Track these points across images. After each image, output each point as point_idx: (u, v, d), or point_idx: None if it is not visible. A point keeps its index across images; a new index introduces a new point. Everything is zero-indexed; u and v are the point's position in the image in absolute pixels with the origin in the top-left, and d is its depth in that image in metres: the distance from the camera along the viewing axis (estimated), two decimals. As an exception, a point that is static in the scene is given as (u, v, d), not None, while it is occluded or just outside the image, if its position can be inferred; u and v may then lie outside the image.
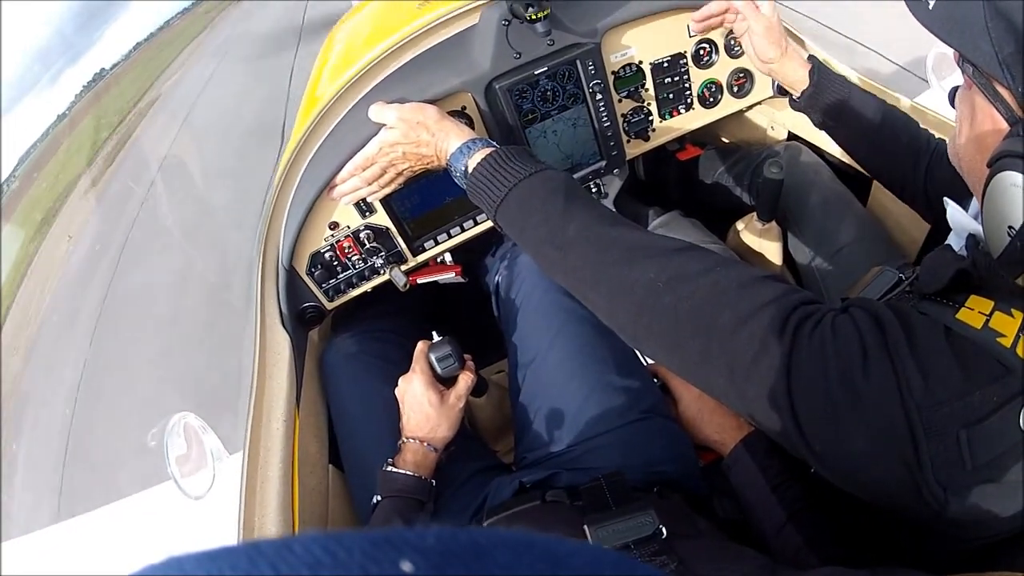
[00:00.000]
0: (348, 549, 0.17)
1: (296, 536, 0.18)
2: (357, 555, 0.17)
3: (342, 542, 0.17)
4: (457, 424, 0.90)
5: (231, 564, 0.17)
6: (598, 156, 1.11)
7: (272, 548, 0.17)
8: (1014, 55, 0.48)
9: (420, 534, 0.17)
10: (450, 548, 0.17)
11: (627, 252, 0.63)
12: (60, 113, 10.54)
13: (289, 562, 0.17)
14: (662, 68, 1.10)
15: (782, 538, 0.73)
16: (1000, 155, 0.48)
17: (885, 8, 2.46)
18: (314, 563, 0.17)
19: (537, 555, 0.18)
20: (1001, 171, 0.48)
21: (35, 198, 8.12)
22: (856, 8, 3.21)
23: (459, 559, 0.17)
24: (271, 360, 0.96)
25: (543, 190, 0.72)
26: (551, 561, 0.18)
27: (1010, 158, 0.47)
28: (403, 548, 0.17)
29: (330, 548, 0.17)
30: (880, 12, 2.83)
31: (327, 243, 1.01)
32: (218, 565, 0.17)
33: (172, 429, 0.80)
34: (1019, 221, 0.46)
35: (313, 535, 0.18)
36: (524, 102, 0.99)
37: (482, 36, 0.95)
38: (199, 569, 0.17)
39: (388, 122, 0.87)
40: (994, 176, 0.48)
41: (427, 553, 0.17)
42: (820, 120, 0.95)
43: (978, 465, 0.46)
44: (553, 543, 0.19)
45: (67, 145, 9.48)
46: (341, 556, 0.17)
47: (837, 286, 1.09)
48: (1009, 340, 0.47)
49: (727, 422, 0.87)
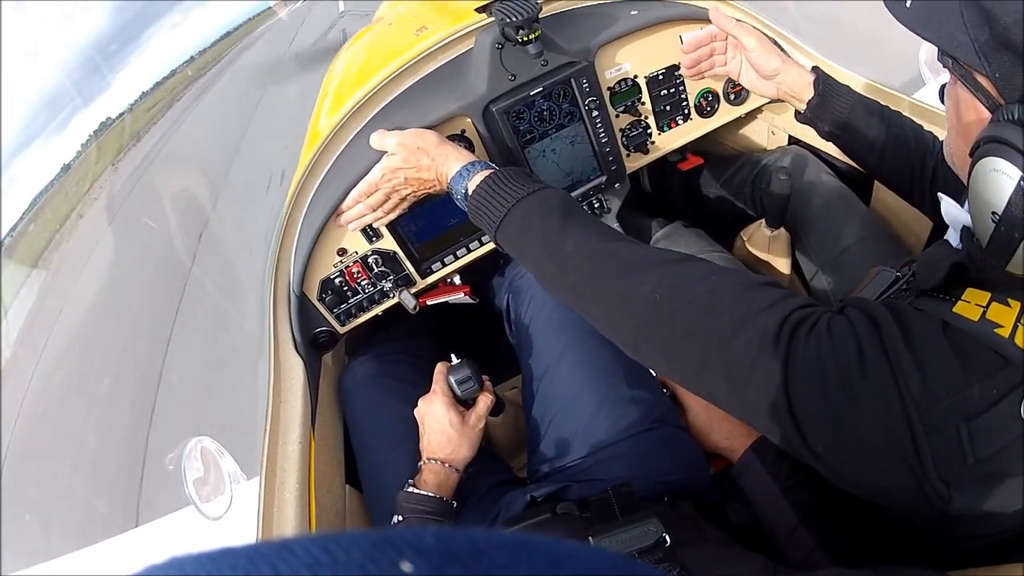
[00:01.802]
0: (347, 549, 0.17)
1: (296, 537, 0.18)
2: (356, 555, 0.17)
3: (341, 542, 0.17)
4: (477, 445, 0.91)
5: (231, 564, 0.17)
6: (598, 172, 1.12)
7: (272, 549, 0.17)
8: (989, 42, 0.49)
9: (419, 534, 0.18)
10: (449, 548, 0.17)
11: (624, 265, 0.65)
12: (65, 163, 10.85)
13: (289, 562, 0.17)
14: (657, 81, 1.12)
15: (795, 541, 0.73)
16: (980, 141, 0.49)
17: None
18: (313, 563, 0.17)
19: (535, 556, 0.18)
20: (982, 157, 0.48)
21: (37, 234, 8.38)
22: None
23: (458, 559, 0.17)
24: (285, 384, 0.98)
25: (541, 209, 0.73)
26: (549, 561, 0.18)
27: (990, 143, 0.48)
28: (402, 548, 0.17)
29: (329, 548, 0.17)
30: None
31: (336, 269, 1.03)
32: (218, 565, 0.17)
33: (189, 453, 0.83)
34: (1002, 206, 0.47)
35: (313, 536, 0.18)
36: (521, 123, 1.01)
37: (477, 60, 0.98)
38: (200, 569, 0.17)
39: (389, 149, 0.89)
40: (976, 163, 0.49)
41: (426, 553, 0.17)
42: (827, 131, 0.93)
43: (980, 458, 0.46)
44: (551, 544, 0.19)
45: (74, 178, 9.76)
46: (340, 556, 0.17)
47: (844, 287, 1.08)
48: (1007, 330, 0.47)
49: (736, 429, 0.87)
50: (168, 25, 32.04)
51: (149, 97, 13.20)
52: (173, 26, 30.79)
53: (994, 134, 0.47)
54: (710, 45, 0.99)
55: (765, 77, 0.95)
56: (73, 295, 5.78)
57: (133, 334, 4.19)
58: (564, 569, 0.18)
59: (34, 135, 14.55)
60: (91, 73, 16.58)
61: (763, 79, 0.96)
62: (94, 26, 36.93)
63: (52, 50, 18.14)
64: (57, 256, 7.19)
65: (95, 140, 11.43)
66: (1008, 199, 0.46)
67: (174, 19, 32.37)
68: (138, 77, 14.50)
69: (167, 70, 14.10)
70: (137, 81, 14.18)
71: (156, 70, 14.29)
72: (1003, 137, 0.46)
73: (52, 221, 8.47)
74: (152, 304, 4.41)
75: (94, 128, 11.85)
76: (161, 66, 14.22)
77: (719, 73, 1.03)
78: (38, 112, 15.52)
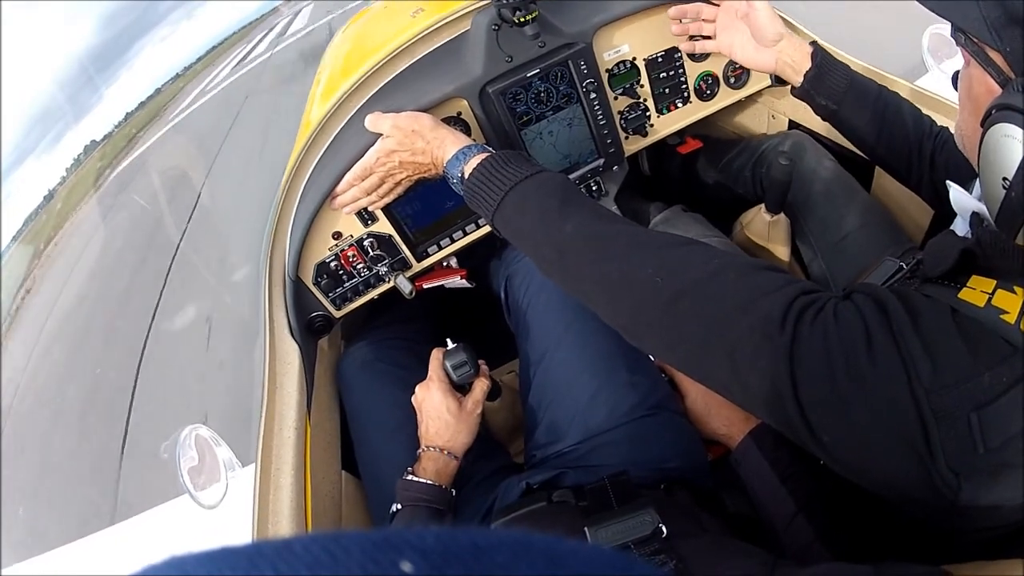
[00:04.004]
0: (348, 549, 0.17)
1: (296, 536, 0.18)
2: (357, 555, 0.17)
3: (342, 542, 0.17)
4: (475, 431, 0.91)
5: (231, 564, 0.17)
6: (596, 154, 1.11)
7: (272, 548, 0.17)
8: (1001, 18, 0.50)
9: (420, 535, 0.18)
10: (449, 549, 0.17)
11: (625, 249, 0.64)
12: (50, 189, 10.76)
13: (289, 562, 0.17)
14: (656, 63, 1.10)
15: (792, 530, 0.73)
16: (991, 109, 0.49)
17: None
18: (313, 563, 0.17)
19: (536, 555, 0.18)
20: (993, 124, 0.48)
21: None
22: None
23: (458, 559, 0.17)
24: (281, 370, 0.98)
25: (539, 192, 0.72)
26: (549, 561, 0.18)
27: (1001, 111, 0.48)
28: (403, 548, 0.17)
29: (330, 548, 0.17)
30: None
31: (331, 253, 1.02)
32: (218, 565, 0.17)
33: (184, 441, 0.82)
34: (1013, 170, 0.46)
35: (313, 535, 0.18)
36: (518, 104, 1.00)
37: (473, 42, 0.96)
38: (200, 569, 0.18)
39: (384, 131, 0.88)
40: (987, 131, 0.49)
41: (427, 554, 0.17)
42: (824, 104, 0.92)
43: (991, 448, 0.45)
44: (552, 543, 0.19)
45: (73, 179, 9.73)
46: (340, 556, 0.17)
47: (843, 274, 1.08)
48: (1013, 316, 0.47)
49: (735, 415, 0.87)
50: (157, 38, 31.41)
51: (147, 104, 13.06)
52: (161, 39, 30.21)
53: (1005, 101, 0.48)
54: (699, 6, 0.99)
55: (766, 44, 0.94)
56: (65, 279, 5.76)
57: (125, 321, 4.18)
58: (564, 568, 0.18)
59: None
60: (84, 86, 16.34)
61: (762, 48, 0.94)
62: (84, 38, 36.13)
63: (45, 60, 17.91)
64: (52, 245, 7.16)
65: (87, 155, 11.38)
66: (1020, 163, 0.46)
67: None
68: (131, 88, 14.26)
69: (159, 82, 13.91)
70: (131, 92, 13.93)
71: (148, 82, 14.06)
72: (1014, 104, 0.47)
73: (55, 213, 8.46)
74: (144, 289, 4.39)
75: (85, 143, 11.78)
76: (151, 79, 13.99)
77: (707, 48, 1.03)
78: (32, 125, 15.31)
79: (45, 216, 9.23)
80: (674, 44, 1.10)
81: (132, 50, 31.11)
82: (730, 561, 0.58)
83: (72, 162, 11.61)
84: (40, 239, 7.70)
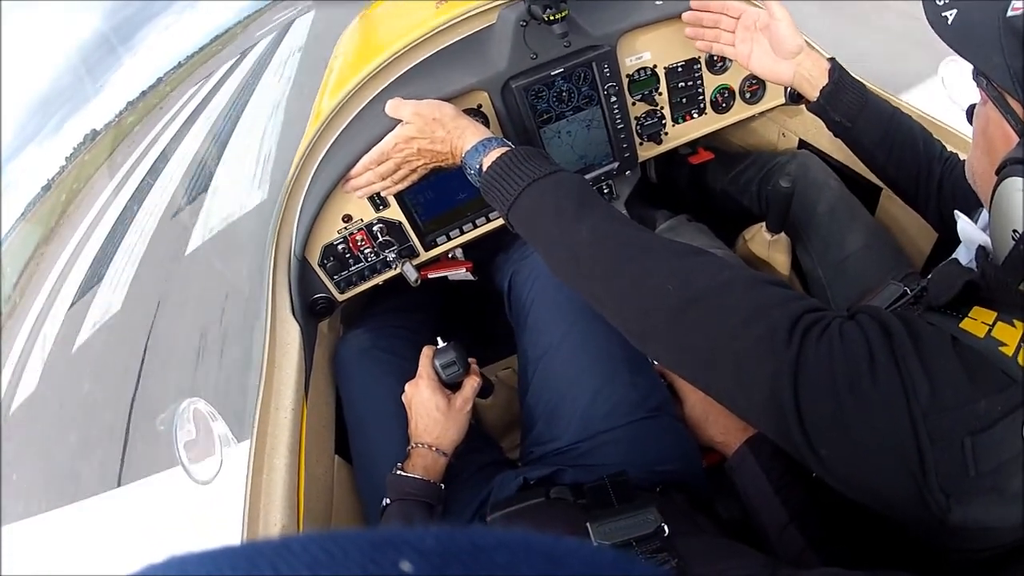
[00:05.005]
0: (347, 549, 0.17)
1: (296, 536, 0.18)
2: (356, 555, 0.17)
3: (341, 542, 0.17)
4: (465, 428, 0.91)
5: (231, 564, 0.17)
6: (611, 157, 1.12)
7: (271, 548, 0.17)
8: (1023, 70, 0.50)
9: (419, 535, 0.18)
10: (449, 549, 0.17)
11: (638, 254, 0.64)
12: (48, 179, 10.63)
13: (288, 562, 0.17)
14: (676, 73, 1.11)
15: (785, 539, 0.74)
16: (1007, 161, 0.50)
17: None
18: (313, 563, 0.17)
19: (536, 555, 0.18)
20: (1008, 177, 0.49)
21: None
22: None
23: (458, 560, 0.17)
24: (280, 350, 0.97)
25: (557, 192, 0.72)
26: (550, 561, 0.18)
27: (1016, 164, 0.49)
28: (402, 548, 0.17)
29: (329, 548, 0.17)
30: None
31: (340, 235, 1.01)
32: (218, 564, 0.17)
33: (182, 414, 0.81)
34: (1021, 225, 0.48)
35: (312, 535, 0.18)
36: (539, 102, 1.00)
37: (499, 36, 0.96)
38: (200, 569, 0.18)
39: (404, 117, 0.88)
40: (1001, 182, 0.50)
41: (426, 554, 0.17)
42: (838, 121, 0.92)
43: (982, 472, 0.46)
44: (551, 543, 0.19)
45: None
46: (340, 556, 0.17)
47: (844, 294, 1.09)
48: (1011, 349, 0.48)
49: (732, 424, 0.88)
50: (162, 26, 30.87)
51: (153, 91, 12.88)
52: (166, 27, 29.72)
53: (1020, 155, 0.49)
54: (718, 16, 0.98)
55: (785, 56, 0.93)
56: (70, 255, 5.69)
57: (128, 296, 4.13)
58: (564, 568, 0.18)
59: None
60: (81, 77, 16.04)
61: (781, 60, 0.94)
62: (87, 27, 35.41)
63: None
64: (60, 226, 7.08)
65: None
66: None
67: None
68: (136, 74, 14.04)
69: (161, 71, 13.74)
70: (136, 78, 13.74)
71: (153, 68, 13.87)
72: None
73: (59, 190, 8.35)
74: (148, 267, 4.35)
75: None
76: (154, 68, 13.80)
77: (727, 53, 1.02)
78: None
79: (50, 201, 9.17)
80: (694, 55, 1.11)
81: (135, 38, 30.67)
82: (730, 561, 0.59)
83: (72, 151, 11.53)
84: (46, 223, 7.62)
